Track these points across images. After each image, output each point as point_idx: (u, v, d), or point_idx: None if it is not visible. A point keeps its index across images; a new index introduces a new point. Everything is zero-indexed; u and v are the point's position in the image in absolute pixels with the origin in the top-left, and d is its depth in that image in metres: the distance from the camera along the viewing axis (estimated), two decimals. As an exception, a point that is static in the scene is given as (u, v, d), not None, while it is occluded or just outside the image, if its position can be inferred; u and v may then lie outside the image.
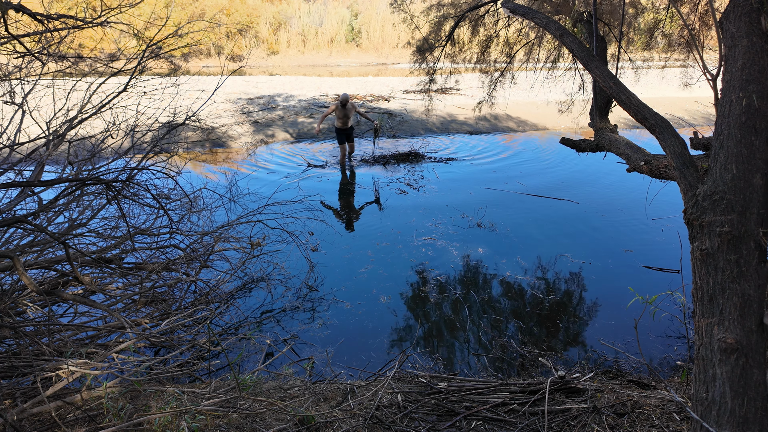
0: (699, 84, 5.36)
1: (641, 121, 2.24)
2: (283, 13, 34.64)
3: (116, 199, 2.85)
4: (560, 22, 4.37)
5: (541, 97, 8.34)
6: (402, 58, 31.34)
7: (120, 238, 3.74)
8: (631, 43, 6.42)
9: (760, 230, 1.67)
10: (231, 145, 10.38)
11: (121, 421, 2.05)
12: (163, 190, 4.19)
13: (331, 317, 3.94)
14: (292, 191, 7.27)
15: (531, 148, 10.42)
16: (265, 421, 2.24)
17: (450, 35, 6.40)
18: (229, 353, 3.40)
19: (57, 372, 2.28)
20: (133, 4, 3.20)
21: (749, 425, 1.54)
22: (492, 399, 2.43)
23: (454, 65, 7.04)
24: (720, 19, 1.92)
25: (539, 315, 4.00)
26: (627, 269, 4.79)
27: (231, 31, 31.10)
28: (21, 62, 3.27)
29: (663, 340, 3.65)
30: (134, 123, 4.25)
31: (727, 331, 1.61)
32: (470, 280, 4.63)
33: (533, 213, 6.42)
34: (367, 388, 2.61)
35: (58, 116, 3.87)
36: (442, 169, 8.57)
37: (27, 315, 3.07)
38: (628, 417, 2.23)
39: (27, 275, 2.43)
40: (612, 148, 3.32)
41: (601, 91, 3.68)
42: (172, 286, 3.87)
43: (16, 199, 3.19)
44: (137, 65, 3.64)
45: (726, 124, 1.78)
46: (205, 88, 6.38)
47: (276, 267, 4.64)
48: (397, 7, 6.84)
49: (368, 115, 9.05)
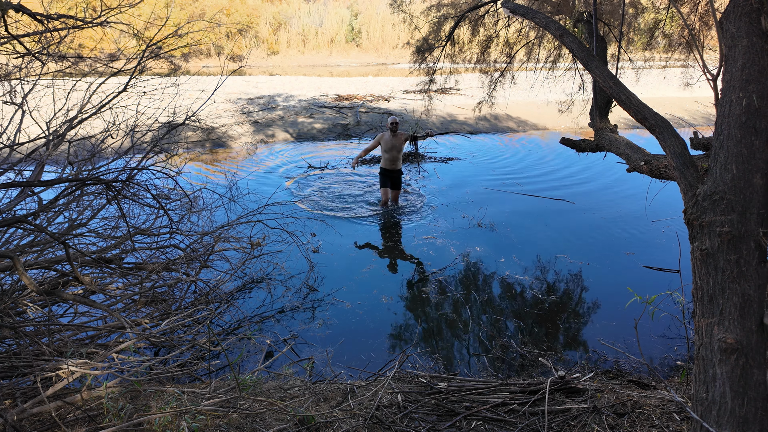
0: (699, 84, 5.35)
1: (641, 121, 2.24)
2: (283, 13, 34.64)
3: (116, 199, 2.85)
4: (560, 22, 4.37)
5: (541, 97, 8.34)
6: (402, 58, 31.34)
7: (120, 238, 3.74)
8: (631, 43, 6.41)
9: (760, 230, 1.67)
10: (231, 145, 10.38)
11: (121, 421, 2.05)
12: (163, 190, 4.19)
13: (331, 317, 3.94)
14: (292, 191, 7.27)
15: (531, 148, 10.43)
16: (265, 421, 2.24)
17: (450, 35, 6.40)
18: (229, 353, 3.40)
19: (57, 372, 2.28)
20: (133, 4, 3.20)
21: (749, 425, 1.54)
22: (492, 399, 2.43)
23: (454, 65, 7.04)
24: (720, 19, 1.92)
25: (539, 315, 4.00)
26: (627, 269, 4.79)
27: (231, 31, 31.11)
28: (21, 62, 3.26)
29: (663, 340, 3.65)
30: (134, 123, 4.25)
31: (727, 331, 1.61)
32: (470, 279, 4.63)
33: (533, 213, 6.42)
34: (367, 388, 2.61)
35: (58, 116, 3.86)
36: (442, 168, 8.57)
37: (27, 315, 3.07)
38: (628, 417, 2.23)
39: (27, 275, 2.43)
40: (612, 148, 3.32)
41: (601, 91, 3.68)
42: (172, 286, 3.87)
43: (16, 199, 3.19)
44: (137, 65, 3.64)
45: (726, 124, 1.78)
46: (205, 88, 6.35)
47: (276, 267, 4.64)
48: (397, 7, 6.83)
49: (420, 134, 6.54)
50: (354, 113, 12.57)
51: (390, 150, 6.02)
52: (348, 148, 10.27)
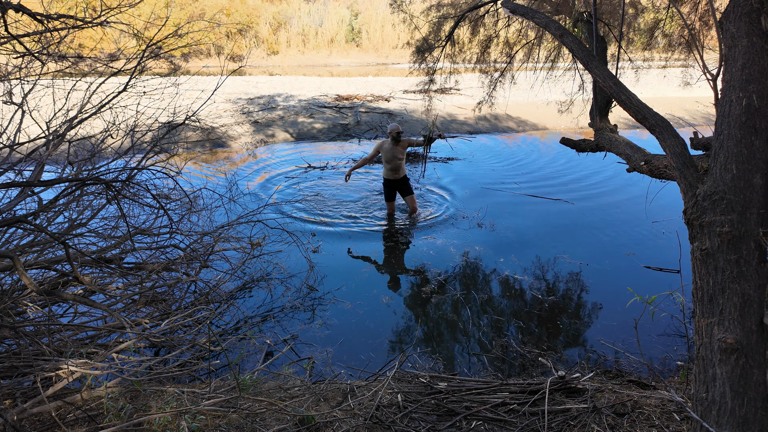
0: (699, 84, 5.35)
1: (641, 121, 2.24)
2: (283, 13, 34.65)
3: (116, 199, 2.85)
4: (560, 22, 4.37)
5: (541, 97, 8.34)
6: (402, 58, 31.35)
7: (120, 238, 3.74)
8: (631, 43, 6.41)
9: (760, 230, 1.67)
10: (231, 145, 10.38)
11: (121, 421, 2.05)
12: (163, 190, 4.19)
13: (331, 317, 3.94)
14: (292, 191, 7.27)
15: (531, 148, 10.43)
16: (265, 421, 2.24)
17: (450, 35, 6.40)
18: (229, 353, 3.40)
19: (57, 372, 2.28)
20: (133, 4, 3.20)
21: (749, 425, 1.54)
22: (492, 399, 2.43)
23: (454, 65, 7.03)
24: (720, 19, 1.92)
25: (539, 315, 4.00)
26: (627, 269, 4.79)
27: (231, 31, 31.11)
28: (21, 62, 3.26)
29: (663, 340, 3.65)
30: (134, 123, 4.25)
31: (727, 331, 1.61)
32: (470, 279, 4.63)
33: (533, 213, 6.42)
34: (367, 388, 2.61)
35: (58, 116, 3.86)
36: (442, 168, 8.57)
37: (27, 315, 3.07)
38: (628, 417, 2.23)
39: (27, 275, 2.43)
40: (612, 148, 3.32)
41: (601, 91, 3.68)
42: (172, 286, 3.87)
43: (16, 199, 3.19)
44: (137, 65, 3.64)
45: (726, 124, 1.78)
46: (205, 88, 6.35)
47: (276, 267, 4.64)
48: (396, 7, 6.83)
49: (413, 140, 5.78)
50: (354, 113, 12.57)
51: (391, 160, 5.54)
52: (348, 149, 10.27)
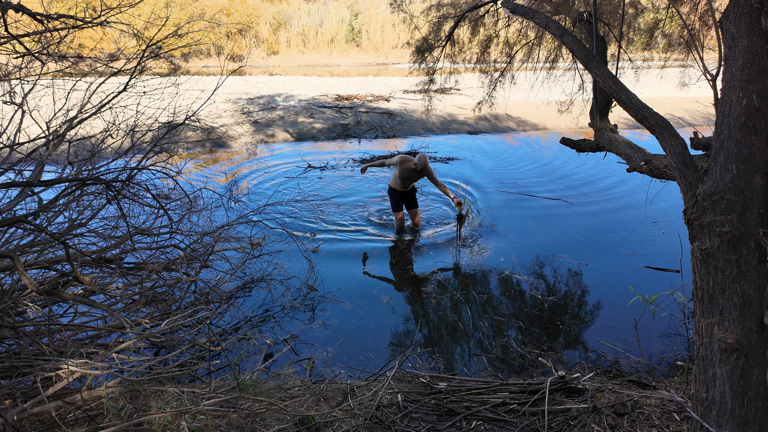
0: (699, 84, 5.35)
1: (641, 121, 2.24)
2: (283, 13, 34.62)
3: (116, 199, 2.85)
4: (560, 22, 4.37)
5: (541, 97, 8.34)
6: (402, 58, 31.32)
7: (120, 238, 3.74)
8: (631, 43, 6.42)
9: (760, 230, 1.67)
10: (231, 145, 10.38)
11: (121, 421, 2.05)
12: (163, 190, 4.19)
13: (331, 317, 3.94)
14: (292, 191, 7.27)
15: (531, 148, 10.43)
16: (265, 421, 2.24)
17: (450, 35, 6.40)
18: (229, 353, 3.40)
19: (57, 372, 2.28)
20: (133, 4, 3.20)
21: (749, 425, 1.54)
22: (492, 399, 2.43)
23: (454, 65, 7.04)
24: (720, 19, 1.92)
25: (539, 315, 4.00)
26: (627, 269, 4.79)
27: (231, 31, 31.09)
28: (21, 62, 3.26)
29: (663, 340, 3.65)
30: (134, 123, 4.25)
31: (727, 331, 1.61)
32: (470, 279, 4.63)
33: (533, 213, 6.42)
34: (367, 388, 2.61)
35: (58, 116, 3.86)
36: (442, 168, 8.57)
37: (27, 315, 3.07)
38: (628, 417, 2.23)
39: (27, 275, 2.43)
40: (612, 148, 3.32)
41: (601, 91, 3.68)
42: (172, 286, 3.87)
43: (16, 199, 3.19)
44: (137, 65, 3.64)
45: (726, 124, 1.78)
46: (205, 88, 6.34)
47: (276, 267, 4.64)
48: (396, 7, 6.83)
49: (440, 180, 5.45)
50: (354, 113, 12.57)
51: (406, 179, 5.45)
52: (348, 148, 10.26)
